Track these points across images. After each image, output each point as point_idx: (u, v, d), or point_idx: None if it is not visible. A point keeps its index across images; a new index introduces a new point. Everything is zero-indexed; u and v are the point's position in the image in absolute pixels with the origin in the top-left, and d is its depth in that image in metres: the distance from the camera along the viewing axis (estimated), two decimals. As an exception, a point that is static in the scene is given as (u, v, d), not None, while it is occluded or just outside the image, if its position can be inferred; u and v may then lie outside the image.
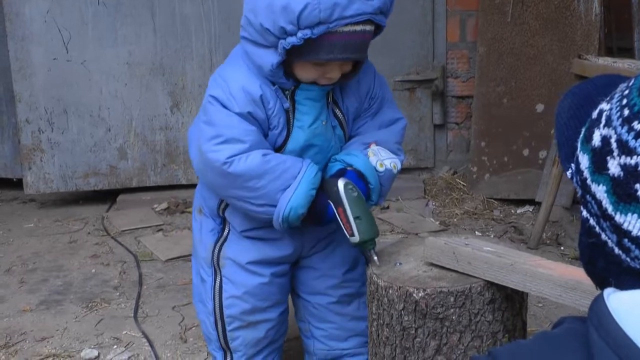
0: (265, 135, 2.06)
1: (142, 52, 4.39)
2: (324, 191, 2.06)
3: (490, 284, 1.91)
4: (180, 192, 4.53)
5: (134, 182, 4.54)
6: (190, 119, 4.50)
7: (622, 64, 3.25)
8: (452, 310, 1.91)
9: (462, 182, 4.58)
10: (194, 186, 4.45)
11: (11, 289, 3.45)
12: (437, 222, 4.11)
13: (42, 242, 4.00)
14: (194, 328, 3.00)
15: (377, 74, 2.21)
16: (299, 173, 2.01)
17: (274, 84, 2.02)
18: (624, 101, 0.86)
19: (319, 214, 2.07)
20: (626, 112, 0.84)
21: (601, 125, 0.88)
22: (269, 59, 1.94)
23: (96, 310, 3.21)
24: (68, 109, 4.40)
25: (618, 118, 0.85)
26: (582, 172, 0.90)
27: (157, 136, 4.51)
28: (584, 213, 0.91)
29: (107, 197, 4.57)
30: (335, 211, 2.05)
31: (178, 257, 3.70)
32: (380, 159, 2.11)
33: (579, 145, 0.93)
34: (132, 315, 3.13)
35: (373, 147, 2.13)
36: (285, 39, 1.88)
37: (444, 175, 4.69)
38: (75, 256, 3.80)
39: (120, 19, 4.34)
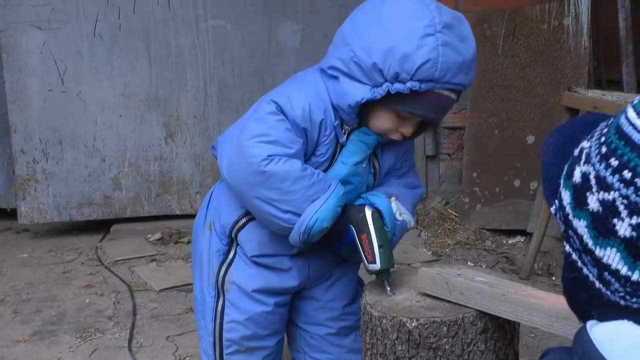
0: (307, 160, 2.10)
1: (137, 83, 4.44)
2: (346, 216, 2.10)
3: (483, 314, 1.94)
4: (174, 223, 4.55)
5: (128, 212, 4.56)
6: (184, 150, 4.54)
7: (611, 97, 3.30)
8: (445, 339, 1.93)
9: (454, 213, 4.61)
10: (187, 216, 4.55)
11: (5, 319, 3.45)
12: (430, 253, 4.14)
13: (35, 272, 4.00)
14: (188, 358, 3.01)
15: (414, 141, 2.30)
16: (329, 188, 2.05)
17: (336, 115, 2.09)
18: (602, 139, 0.89)
19: (338, 235, 2.11)
20: (604, 149, 0.88)
21: (581, 162, 0.91)
22: (360, 93, 2.01)
23: (90, 340, 3.21)
24: (63, 140, 4.42)
25: (596, 155, 0.88)
26: (565, 207, 0.93)
27: (152, 166, 4.54)
28: (567, 248, 0.94)
29: (100, 227, 4.59)
30: (357, 237, 2.09)
31: (172, 287, 3.71)
32: (400, 209, 2.18)
33: (562, 181, 0.96)
34: (127, 345, 3.14)
35: (393, 199, 2.20)
36: (392, 83, 1.97)
37: (436, 205, 4.72)
38: (69, 286, 3.81)
39: (116, 51, 4.38)
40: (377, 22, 2.00)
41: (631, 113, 0.88)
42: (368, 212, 2.09)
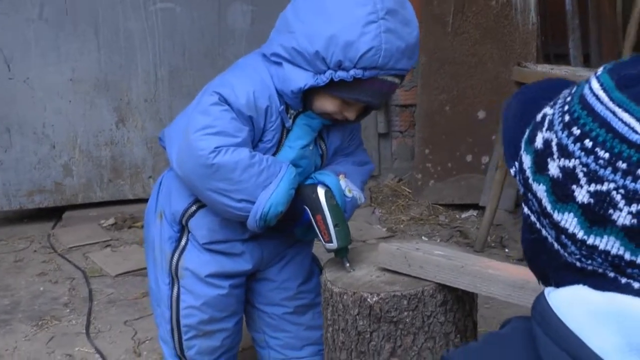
0: (255, 146, 2.09)
1: (86, 68, 4.37)
2: (300, 197, 2.10)
3: (442, 287, 1.97)
4: (127, 207, 4.52)
5: (80, 198, 4.51)
6: (136, 134, 4.50)
7: (559, 71, 3.35)
8: (405, 313, 1.95)
9: (407, 189, 4.65)
10: (140, 201, 4.50)
11: (-42, 310, 3.40)
12: (384, 229, 4.17)
13: (-13, 262, 3.95)
14: (147, 342, 3.00)
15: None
16: (279, 171, 2.04)
17: (281, 100, 2.08)
18: (566, 107, 0.91)
19: (294, 217, 2.11)
20: (567, 118, 0.90)
21: (544, 128, 0.93)
22: (302, 79, 2.00)
23: (47, 328, 3.18)
24: (11, 127, 4.35)
25: (559, 123, 0.90)
26: (525, 171, 0.95)
27: (103, 152, 4.49)
28: (526, 210, 0.96)
29: (52, 214, 4.52)
30: (312, 218, 2.09)
31: (128, 272, 3.69)
32: (349, 186, 2.18)
33: (523, 145, 0.98)
34: (84, 331, 3.12)
35: (342, 176, 2.20)
36: (336, 71, 1.96)
37: (389, 182, 4.76)
38: (22, 275, 3.76)
39: (63, 36, 4.31)
40: (320, 9, 1.99)
41: (595, 84, 0.89)
42: (321, 192, 2.09)
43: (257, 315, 2.41)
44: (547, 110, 0.95)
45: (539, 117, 0.96)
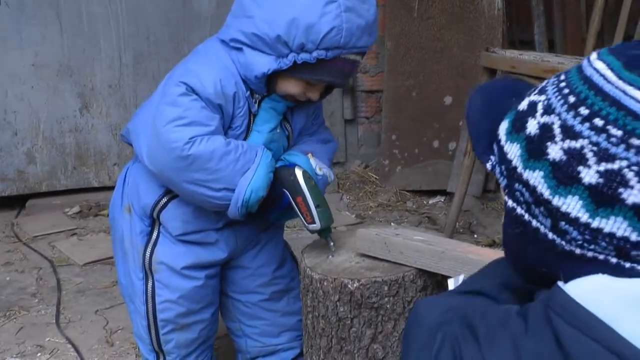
0: (224, 133, 2.06)
1: (49, 53, 4.29)
2: (278, 180, 2.08)
3: (422, 272, 1.97)
4: (92, 195, 4.46)
5: (44, 186, 4.44)
6: (100, 120, 4.43)
7: (527, 56, 3.37)
8: (386, 299, 1.96)
9: (374, 175, 4.66)
10: (105, 188, 4.45)
11: None
12: (353, 215, 4.18)
13: (-51, 252, 3.87)
14: (119, 331, 2.97)
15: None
16: (256, 156, 2.02)
17: (246, 86, 2.05)
18: (566, 90, 0.92)
19: (274, 201, 2.09)
20: (572, 99, 0.90)
21: (537, 114, 0.93)
22: (265, 64, 1.98)
23: (15, 318, 3.13)
24: (-29, 114, 4.26)
25: (563, 105, 0.91)
26: (511, 161, 0.95)
27: (67, 139, 4.42)
28: (510, 203, 0.96)
29: (15, 202, 4.44)
30: (292, 200, 2.07)
31: (96, 261, 3.64)
32: (318, 164, 2.17)
33: (504, 136, 0.97)
34: (54, 321, 3.07)
35: (310, 155, 2.20)
36: (298, 54, 1.94)
37: (356, 169, 4.76)
38: (-14, 265, 3.70)
39: (24, 19, 4.22)
40: None
41: (600, 65, 0.90)
42: (299, 174, 2.07)
43: (232, 304, 2.39)
44: (534, 97, 0.96)
45: (523, 106, 0.96)
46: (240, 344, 2.44)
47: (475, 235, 3.84)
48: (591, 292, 0.86)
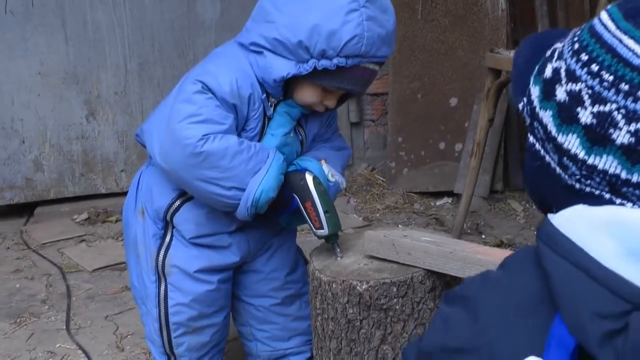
0: (238, 135, 2.07)
1: (54, 61, 4.31)
2: (288, 184, 2.09)
3: (430, 273, 1.98)
4: (100, 202, 4.47)
5: (52, 193, 4.45)
6: (107, 127, 4.45)
7: (532, 57, 3.38)
8: (395, 300, 1.96)
9: (381, 178, 4.67)
10: (113, 195, 4.47)
11: None
12: (361, 218, 4.18)
13: (-41, 260, 3.89)
14: (129, 336, 2.98)
15: None
16: (267, 157, 2.04)
17: (262, 89, 2.07)
18: (575, 38, 0.99)
19: (283, 205, 2.10)
20: (576, 46, 0.98)
21: (554, 59, 1.01)
22: (285, 68, 2.00)
23: (25, 325, 3.14)
24: (-21, 123, 4.28)
25: (569, 51, 0.99)
26: (533, 101, 1.03)
27: (74, 146, 4.43)
28: (531, 139, 1.04)
29: (23, 210, 4.46)
30: (301, 205, 2.08)
31: (105, 267, 3.65)
32: (331, 171, 2.19)
33: (532, 79, 1.06)
34: (64, 327, 3.09)
35: (323, 161, 2.21)
36: (319, 60, 1.97)
37: (363, 172, 4.77)
38: (-4, 272, 3.71)
39: (29, 28, 4.24)
40: None
41: (604, 15, 0.98)
42: (309, 179, 2.08)
43: (244, 308, 2.40)
44: (557, 45, 1.04)
45: (548, 52, 1.05)
46: (250, 347, 2.45)
47: (483, 236, 3.85)
48: (567, 218, 0.93)
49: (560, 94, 0.98)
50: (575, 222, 0.92)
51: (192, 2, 4.45)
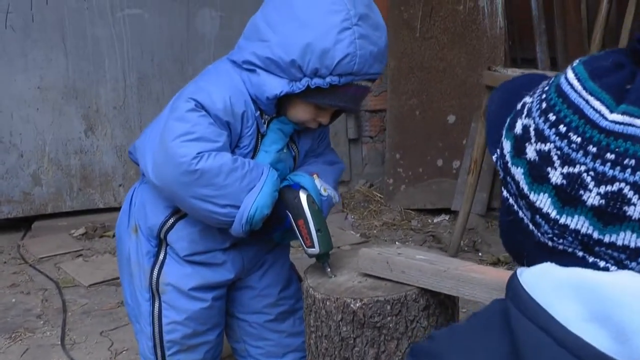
0: (232, 153, 2.07)
1: (54, 75, 4.33)
2: (281, 202, 2.09)
3: (424, 291, 1.97)
4: (98, 217, 4.47)
5: (50, 208, 4.46)
6: (105, 142, 4.46)
7: (529, 75, 3.39)
8: (389, 318, 1.96)
9: (379, 195, 4.67)
10: (111, 209, 4.47)
11: None
12: (358, 235, 4.18)
13: (-44, 274, 3.88)
14: (124, 352, 2.97)
15: None
16: (262, 174, 2.04)
17: (255, 106, 2.07)
18: (543, 96, 0.99)
19: (276, 221, 2.10)
20: (544, 105, 0.98)
21: (523, 115, 1.01)
22: (278, 87, 2.01)
23: (20, 340, 3.13)
24: (-23, 136, 4.29)
25: (537, 110, 0.98)
26: (505, 156, 1.03)
27: (72, 160, 4.44)
28: (505, 193, 1.04)
29: (21, 224, 4.46)
30: (294, 222, 2.08)
31: (101, 282, 3.65)
32: (323, 185, 2.19)
33: (504, 132, 1.05)
34: (59, 343, 3.08)
35: (316, 176, 2.21)
36: (312, 78, 1.98)
37: (361, 188, 4.77)
38: (-8, 286, 3.71)
39: (29, 43, 4.26)
40: (292, 16, 1.99)
41: (570, 74, 0.97)
42: (303, 197, 2.08)
43: (237, 325, 2.40)
44: (527, 99, 1.03)
45: (519, 106, 1.04)
46: (244, 364, 2.44)
47: (480, 254, 3.84)
48: (533, 277, 0.93)
49: (531, 152, 0.97)
50: (541, 282, 0.91)
51: (192, 18, 4.47)
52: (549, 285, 0.90)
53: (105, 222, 4.36)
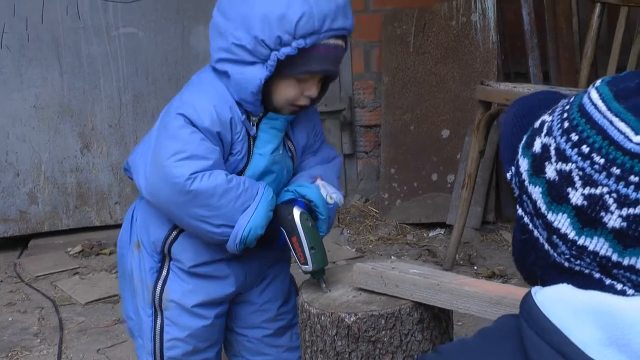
0: (225, 160, 2.08)
1: (49, 94, 4.35)
2: (276, 217, 2.09)
3: (418, 305, 1.99)
4: (94, 234, 4.48)
5: (46, 226, 4.46)
6: (101, 160, 4.47)
7: (521, 89, 3.41)
8: (383, 332, 1.97)
9: (374, 209, 4.68)
10: (107, 227, 4.48)
11: None
12: (353, 250, 4.19)
13: (-48, 293, 3.88)
14: (121, 370, 2.98)
15: (318, 113, 2.33)
16: (257, 194, 2.04)
17: (241, 110, 2.07)
18: (565, 115, 0.98)
19: (271, 238, 2.11)
20: (566, 124, 0.96)
21: (542, 134, 1.00)
22: (256, 75, 1.99)
23: (17, 359, 3.14)
24: (-27, 156, 4.30)
25: (559, 129, 0.97)
26: (521, 174, 1.02)
27: (68, 178, 4.45)
28: (520, 211, 1.03)
29: (17, 243, 4.46)
30: (288, 239, 2.09)
31: (98, 300, 3.65)
32: (329, 192, 2.19)
33: (520, 150, 1.04)
34: (56, 361, 3.09)
35: (319, 181, 2.20)
36: (278, 50, 1.96)
37: (356, 203, 4.79)
38: (-12, 305, 3.71)
39: (25, 62, 4.28)
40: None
41: (594, 94, 0.96)
42: (296, 214, 2.08)
43: (235, 340, 2.40)
44: (546, 117, 1.02)
45: (537, 124, 1.03)
46: (243, 379, 2.45)
47: (475, 267, 3.86)
48: (551, 299, 0.92)
49: (550, 172, 0.96)
50: (558, 304, 0.91)
51: (186, 35, 4.50)
52: (567, 308, 0.89)
53: (102, 240, 4.37)
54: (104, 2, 4.34)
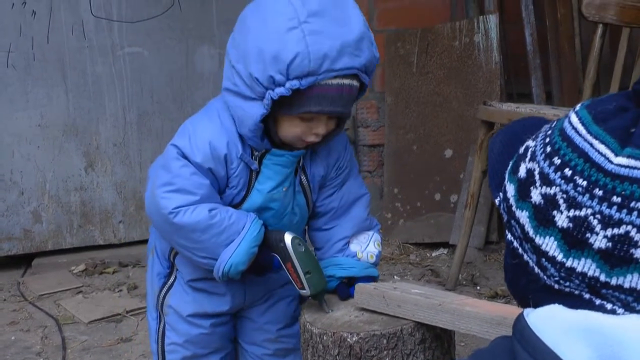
0: (222, 192, 2.08)
1: (54, 113, 4.37)
2: (268, 244, 2.06)
3: (420, 325, 1.99)
4: (98, 253, 4.49)
5: (50, 245, 4.48)
6: (105, 179, 4.49)
7: (524, 109, 3.42)
8: (385, 352, 1.97)
9: (377, 229, 4.67)
10: (111, 246, 4.49)
11: None
12: (357, 269, 4.18)
13: (-44, 312, 3.89)
14: (123, 389, 2.98)
15: (349, 145, 2.22)
16: (242, 229, 2.02)
17: (244, 144, 2.03)
18: (547, 140, 1.00)
19: (262, 268, 2.11)
20: (548, 149, 0.98)
21: (527, 159, 1.02)
22: (255, 111, 1.92)
23: (20, 378, 3.15)
24: (-22, 174, 4.32)
25: (541, 154, 0.99)
26: (509, 199, 1.03)
27: (72, 197, 4.47)
28: (509, 236, 1.05)
29: (21, 261, 4.47)
30: (283, 265, 2.07)
31: (101, 319, 3.65)
32: (365, 249, 2.21)
33: (506, 176, 1.06)
34: (59, 380, 3.08)
35: (353, 245, 2.22)
36: (273, 89, 1.87)
37: (360, 222, 4.78)
38: (-8, 324, 3.71)
39: (30, 81, 4.31)
40: (245, 28, 1.94)
41: (574, 118, 0.98)
42: (288, 240, 2.04)
43: (241, 352, 2.42)
44: (530, 143, 1.04)
45: (521, 149, 1.05)
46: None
47: (478, 287, 3.85)
48: (541, 319, 0.93)
49: (536, 196, 0.98)
50: (549, 324, 0.92)
51: (191, 55, 4.53)
52: (558, 327, 0.90)
53: (105, 259, 4.38)
54: (109, 22, 4.38)
